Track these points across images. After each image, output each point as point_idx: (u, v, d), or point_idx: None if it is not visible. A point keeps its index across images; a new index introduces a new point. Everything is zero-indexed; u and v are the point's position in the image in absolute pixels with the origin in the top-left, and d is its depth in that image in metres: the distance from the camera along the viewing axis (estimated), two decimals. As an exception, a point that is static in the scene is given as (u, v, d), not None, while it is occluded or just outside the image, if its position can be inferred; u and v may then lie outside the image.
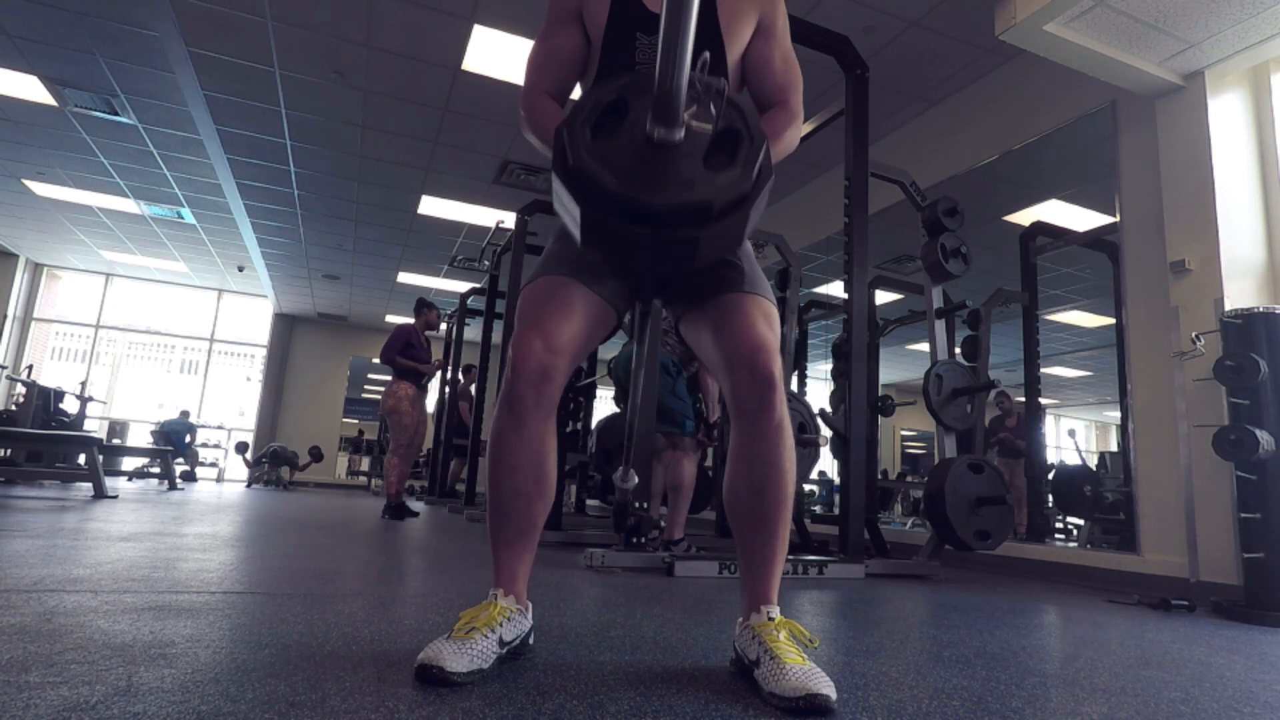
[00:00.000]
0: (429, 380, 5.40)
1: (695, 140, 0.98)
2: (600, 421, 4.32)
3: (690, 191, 0.95)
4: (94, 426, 10.07)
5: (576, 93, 1.33)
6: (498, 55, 4.30)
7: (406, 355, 5.08)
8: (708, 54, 0.96)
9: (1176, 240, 3.04)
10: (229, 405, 12.20)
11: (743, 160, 0.98)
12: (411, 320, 5.32)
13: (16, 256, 9.89)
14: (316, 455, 9.93)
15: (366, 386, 12.99)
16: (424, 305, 5.38)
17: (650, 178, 0.95)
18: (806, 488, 7.04)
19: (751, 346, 1.13)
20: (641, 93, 1.00)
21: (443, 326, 9.56)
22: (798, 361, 5.15)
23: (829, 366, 5.10)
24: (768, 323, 1.17)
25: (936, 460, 3.28)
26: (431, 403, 8.59)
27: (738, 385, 1.14)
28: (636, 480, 1.24)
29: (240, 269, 9.89)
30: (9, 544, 2.26)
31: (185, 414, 10.29)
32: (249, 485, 9.60)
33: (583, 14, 1.29)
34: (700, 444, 3.54)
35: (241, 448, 10.15)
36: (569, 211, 1.00)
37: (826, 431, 3.00)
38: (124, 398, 11.74)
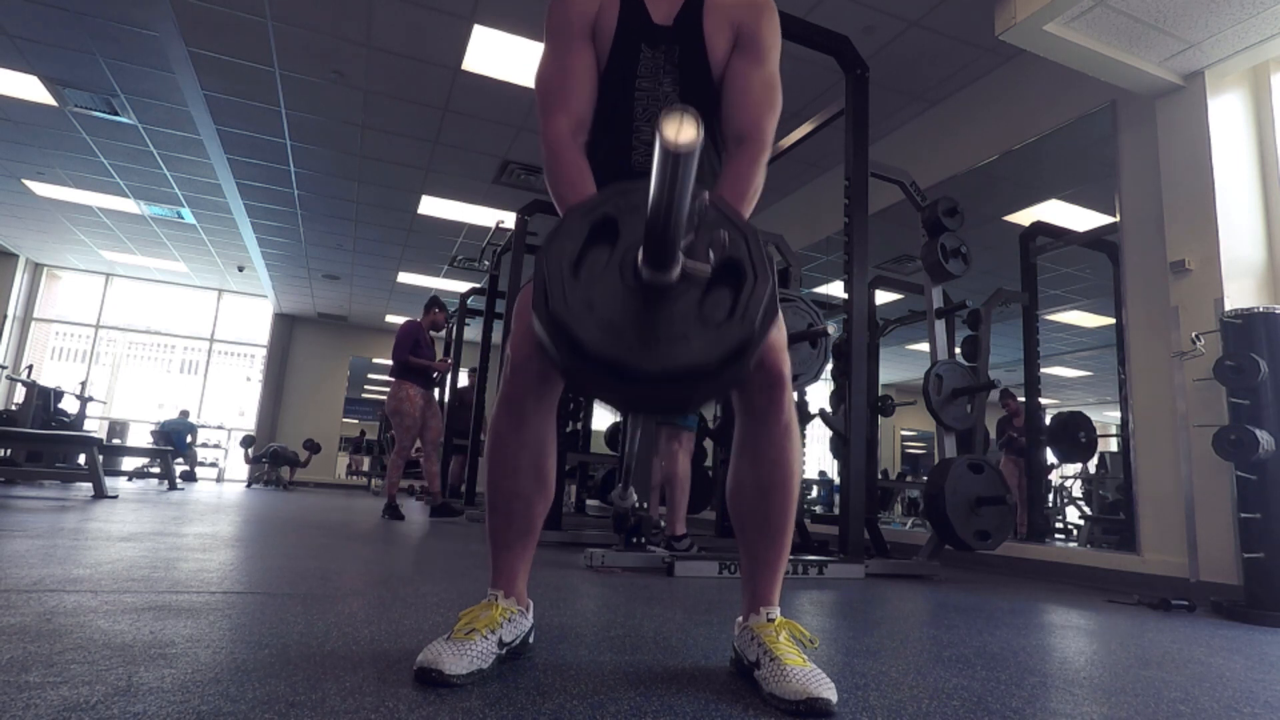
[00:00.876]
0: (441, 379, 5.34)
1: (691, 281, 0.88)
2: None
3: (683, 350, 0.85)
4: (94, 426, 10.07)
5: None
6: (498, 55, 4.29)
7: (415, 354, 5.07)
8: (707, 194, 0.89)
9: (1176, 240, 3.04)
10: (229, 405, 12.20)
11: (745, 306, 0.87)
12: (416, 317, 5.33)
13: (16, 256, 9.89)
14: (313, 447, 9.91)
15: (366, 386, 12.99)
16: (434, 304, 5.37)
17: (638, 333, 0.86)
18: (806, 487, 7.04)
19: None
20: (634, 212, 0.89)
21: (443, 328, 9.60)
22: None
23: (829, 366, 5.10)
24: (775, 324, 1.17)
25: (936, 460, 3.28)
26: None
27: (747, 384, 1.13)
28: (635, 499, 1.22)
29: (240, 269, 9.89)
30: (9, 544, 2.26)
31: (185, 414, 10.29)
32: (249, 485, 9.60)
33: (595, 22, 1.24)
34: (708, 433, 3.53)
35: (247, 441, 10.13)
36: (550, 350, 0.91)
37: (833, 327, 2.96)
38: (124, 398, 11.73)
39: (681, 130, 0.70)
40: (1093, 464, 5.23)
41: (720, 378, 0.87)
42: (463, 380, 8.37)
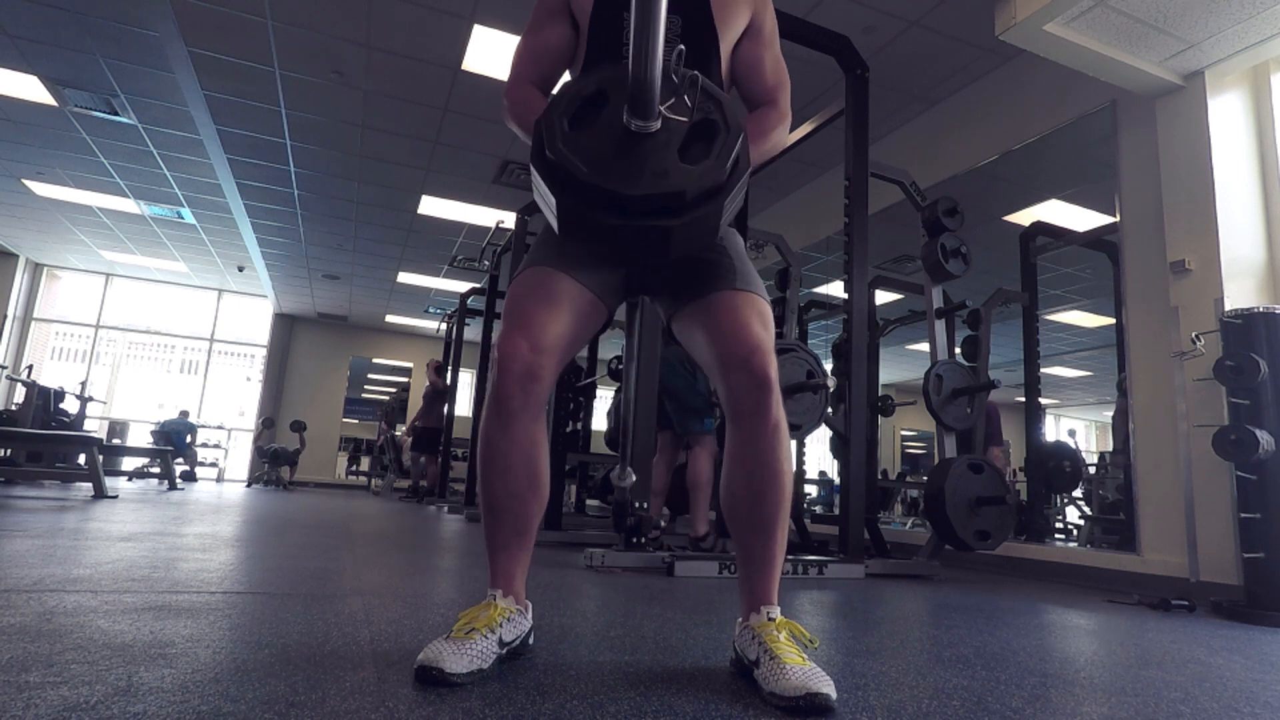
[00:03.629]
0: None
1: (671, 131, 0.99)
2: (615, 400, 4.33)
3: (664, 181, 0.96)
4: (94, 426, 10.07)
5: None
6: (498, 55, 4.30)
7: None
8: (682, 46, 0.98)
9: (1176, 240, 3.04)
10: (229, 405, 12.19)
11: (718, 151, 0.98)
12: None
13: (16, 256, 9.89)
14: (299, 427, 9.90)
15: (366, 386, 12.99)
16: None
17: (625, 168, 0.96)
18: (806, 488, 7.04)
19: (747, 348, 1.11)
20: (620, 86, 1.00)
21: (441, 327, 9.61)
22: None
23: (829, 366, 5.10)
24: (763, 322, 1.16)
25: (936, 460, 3.28)
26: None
27: (733, 387, 1.13)
28: (634, 478, 1.24)
29: (240, 269, 9.89)
30: (9, 544, 2.26)
31: (185, 414, 10.28)
32: (249, 485, 9.60)
33: (571, 4, 1.30)
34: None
35: (268, 423, 10.10)
36: (546, 202, 1.02)
37: (832, 380, 3.02)
38: (124, 398, 11.73)
39: None
40: (1092, 465, 5.24)
41: (697, 211, 0.97)
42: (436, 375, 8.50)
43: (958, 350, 3.96)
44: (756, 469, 1.15)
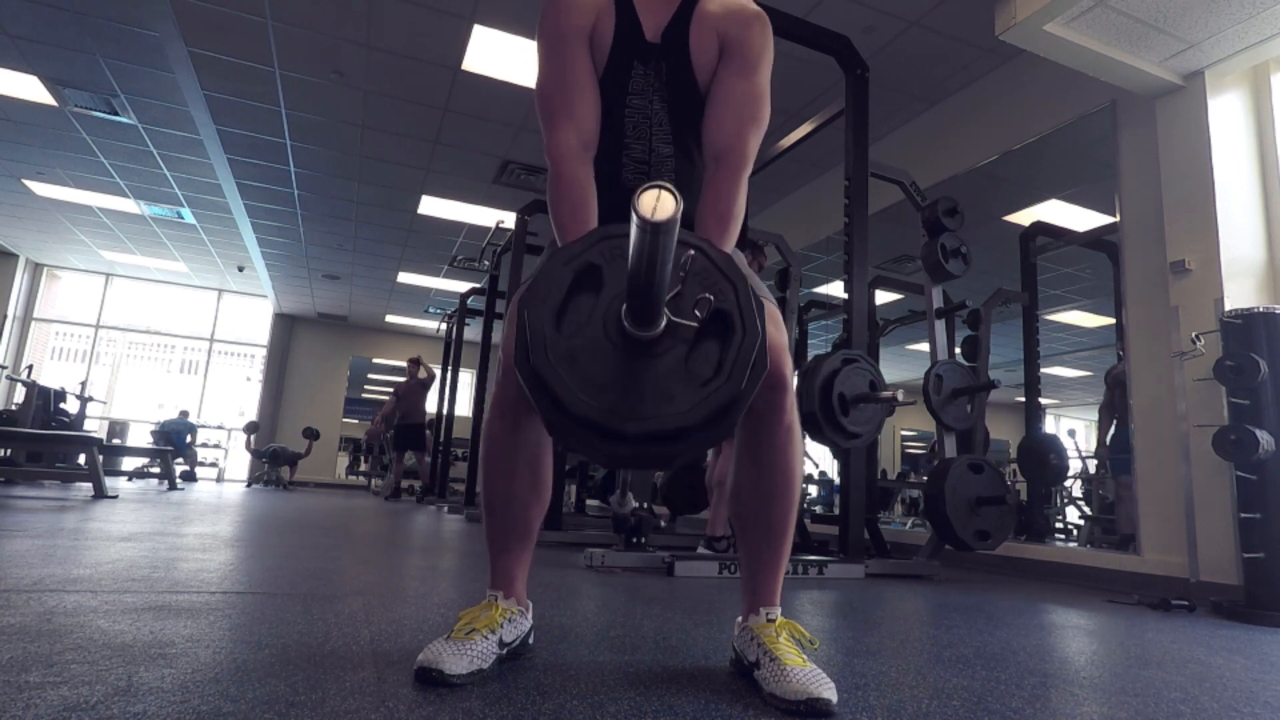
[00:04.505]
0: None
1: (677, 336, 0.85)
2: None
3: (667, 411, 0.83)
4: (94, 426, 10.07)
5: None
6: (498, 55, 4.29)
7: None
8: (692, 250, 0.87)
9: (1176, 240, 3.04)
10: (229, 405, 12.19)
11: (732, 363, 0.85)
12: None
13: (16, 256, 9.89)
14: (312, 434, 9.83)
15: (366, 386, 12.99)
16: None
17: (622, 392, 0.84)
18: (807, 489, 7.03)
19: None
20: (618, 258, 0.87)
21: (441, 327, 9.61)
22: (798, 362, 5.15)
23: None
24: (775, 324, 1.14)
25: (936, 460, 3.28)
26: (432, 403, 8.65)
27: None
28: (634, 505, 1.22)
29: (240, 269, 9.89)
30: (9, 544, 2.26)
31: (185, 414, 10.28)
32: (249, 485, 9.60)
33: (593, 33, 1.19)
34: None
35: (252, 427, 10.03)
36: (532, 400, 0.89)
37: (900, 393, 2.99)
38: (124, 398, 11.73)
39: (659, 205, 0.70)
40: (1092, 464, 5.23)
41: (707, 435, 0.85)
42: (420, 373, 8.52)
43: (958, 350, 3.96)
44: (768, 470, 1.14)
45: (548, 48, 1.19)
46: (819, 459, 7.88)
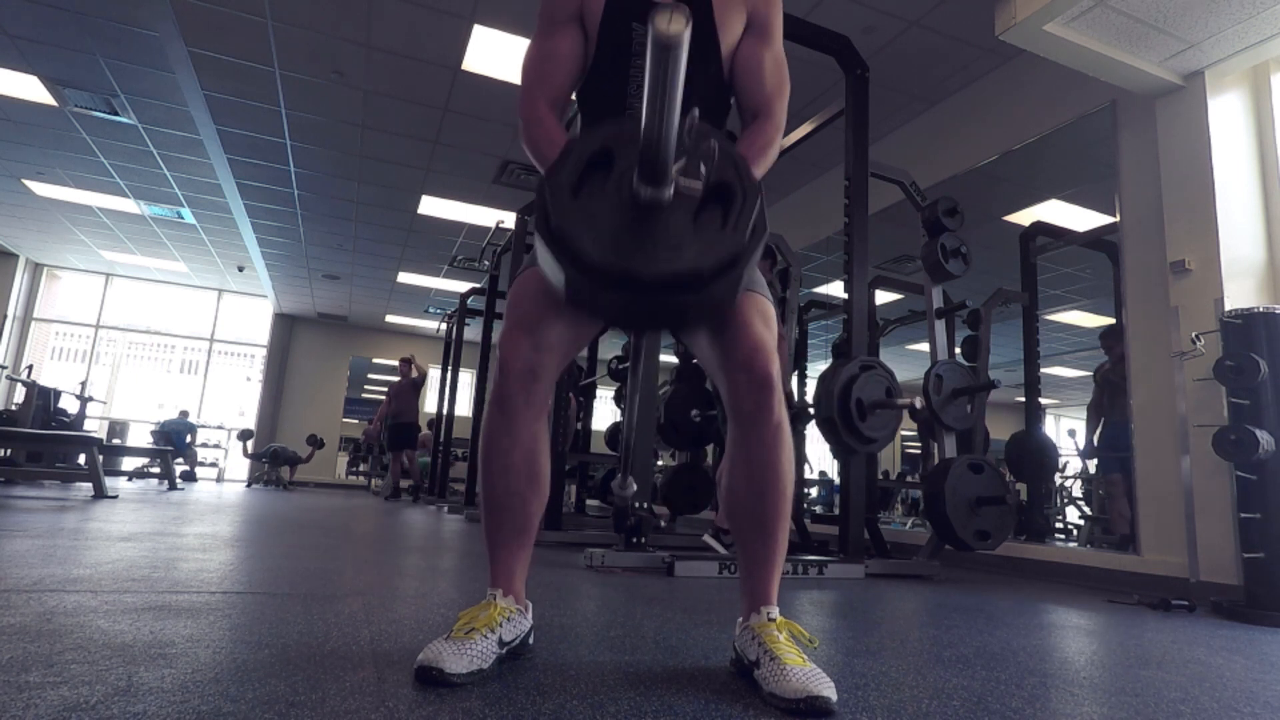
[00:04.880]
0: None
1: (685, 198, 0.93)
2: (665, 394, 4.35)
3: (679, 257, 0.90)
4: (94, 426, 10.06)
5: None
6: (498, 55, 4.30)
7: None
8: (697, 110, 0.93)
9: (1176, 240, 3.04)
10: (229, 405, 12.19)
11: (735, 218, 0.93)
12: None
13: (16, 256, 9.89)
14: (317, 443, 9.84)
15: (366, 386, 12.99)
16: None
17: (637, 242, 0.91)
18: (806, 488, 7.04)
19: (749, 348, 1.11)
20: (628, 142, 0.94)
21: (441, 327, 9.60)
22: (797, 362, 5.15)
23: (830, 365, 5.10)
24: (765, 322, 1.16)
25: (936, 460, 3.27)
26: (432, 403, 8.64)
27: (735, 387, 1.13)
28: (635, 488, 1.22)
29: (240, 269, 9.89)
30: (9, 544, 2.26)
31: (185, 414, 10.28)
32: (249, 485, 9.59)
33: (582, 10, 1.26)
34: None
35: (246, 435, 10.04)
36: (552, 271, 0.96)
37: (917, 400, 3.01)
38: (124, 398, 11.73)
39: (672, 22, 0.74)
40: (1080, 464, 5.23)
41: (714, 287, 0.92)
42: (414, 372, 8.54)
43: (958, 350, 3.96)
44: (758, 469, 1.15)
45: (541, 23, 1.29)
46: (819, 459, 7.88)
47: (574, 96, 1.34)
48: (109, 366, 11.54)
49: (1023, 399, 4.51)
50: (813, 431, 3.50)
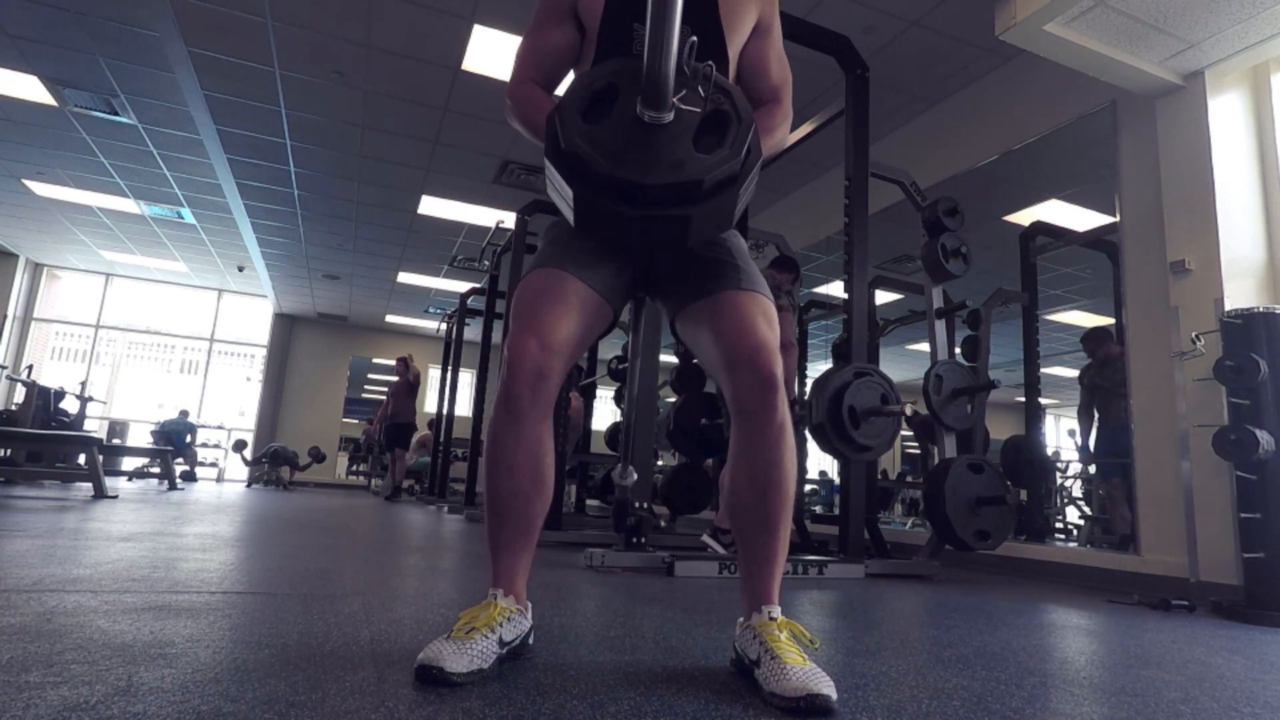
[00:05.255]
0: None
1: (685, 122, 1.00)
2: (675, 403, 4.35)
3: (680, 171, 0.97)
4: (94, 426, 10.07)
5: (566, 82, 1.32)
6: (498, 55, 4.29)
7: None
8: (694, 39, 0.99)
9: (1176, 240, 3.04)
10: (229, 405, 12.19)
11: (731, 141, 1.00)
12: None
13: (16, 256, 9.89)
14: (317, 456, 9.87)
15: (366, 387, 12.99)
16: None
17: (641, 159, 0.97)
18: (807, 487, 7.04)
19: (752, 347, 1.11)
20: (631, 79, 1.01)
21: (441, 327, 9.60)
22: (798, 361, 5.15)
23: (829, 366, 5.10)
24: (767, 321, 1.16)
25: (935, 460, 3.28)
26: (431, 404, 8.62)
27: (738, 386, 1.13)
28: (635, 477, 1.24)
29: (240, 269, 9.89)
30: (9, 544, 2.26)
31: (185, 413, 10.27)
32: (249, 485, 9.60)
33: (577, 7, 1.29)
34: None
35: (239, 445, 10.07)
36: (562, 195, 1.03)
37: (909, 408, 3.03)
38: (124, 398, 11.73)
39: None
40: (1076, 468, 5.23)
41: (713, 201, 0.99)
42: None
43: (958, 350, 3.95)
44: (760, 468, 1.15)
45: (536, 17, 1.33)
46: (820, 460, 7.88)
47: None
48: (109, 366, 11.55)
49: (1023, 399, 4.51)
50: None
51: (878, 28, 3.84)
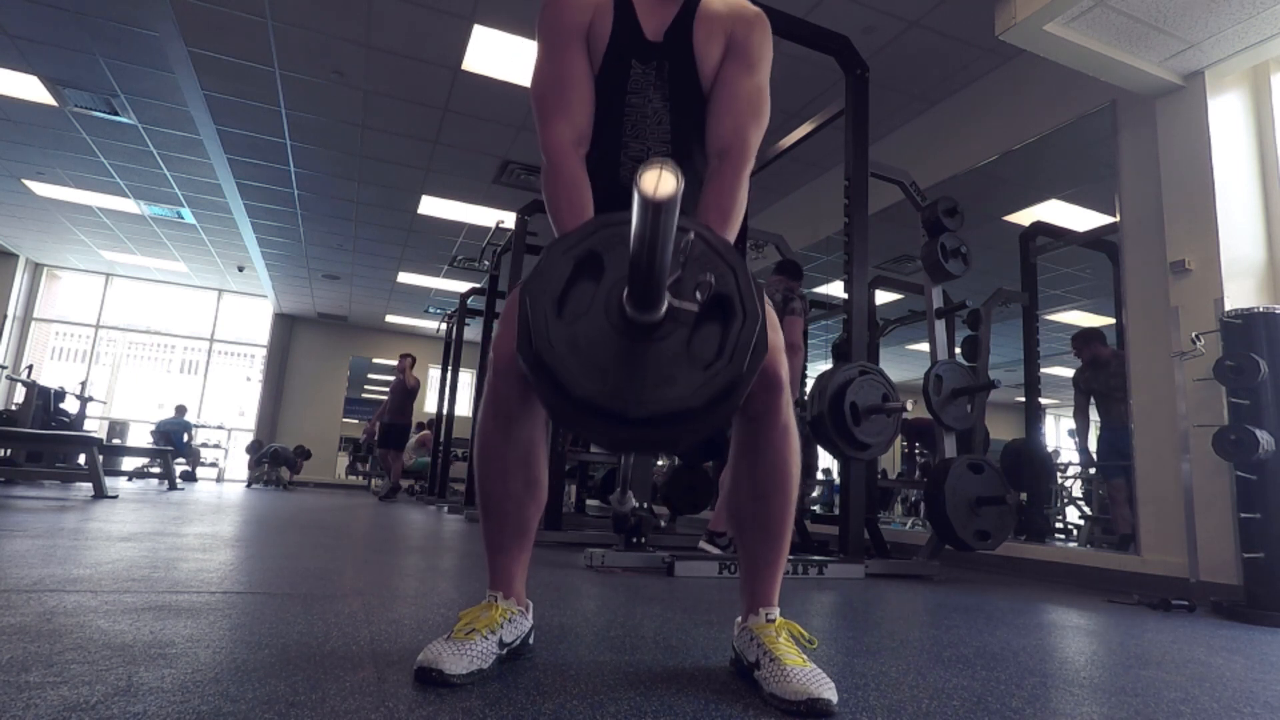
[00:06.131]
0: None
1: (679, 320, 0.86)
2: None
3: (670, 392, 0.84)
4: (94, 426, 10.06)
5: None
6: (498, 55, 4.29)
7: None
8: (692, 234, 0.88)
9: (1176, 240, 3.04)
10: (229, 405, 12.19)
11: (733, 346, 0.86)
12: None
13: (16, 256, 9.88)
14: (303, 453, 9.85)
15: (366, 386, 12.98)
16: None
17: (626, 374, 0.85)
18: (815, 491, 7.03)
19: None
20: (618, 245, 0.88)
21: (441, 327, 9.57)
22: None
23: (829, 366, 5.10)
24: (772, 328, 1.16)
25: (922, 468, 3.28)
26: (432, 402, 8.58)
27: None
28: (634, 504, 1.21)
29: (240, 269, 9.89)
30: (9, 544, 2.26)
31: (182, 409, 10.12)
32: (249, 485, 9.59)
33: (589, 31, 1.21)
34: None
35: (254, 448, 10.01)
36: (535, 390, 0.90)
37: (910, 404, 3.03)
38: (124, 398, 11.73)
39: (660, 183, 0.70)
40: (1075, 470, 5.23)
41: (709, 418, 0.86)
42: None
43: (958, 350, 3.95)
44: (764, 471, 1.14)
45: (545, 44, 1.22)
46: (822, 459, 7.86)
47: None
48: (109, 366, 11.55)
49: (1023, 399, 4.51)
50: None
51: (878, 28, 3.84)
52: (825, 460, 7.88)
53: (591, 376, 0.84)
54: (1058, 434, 7.73)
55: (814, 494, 6.62)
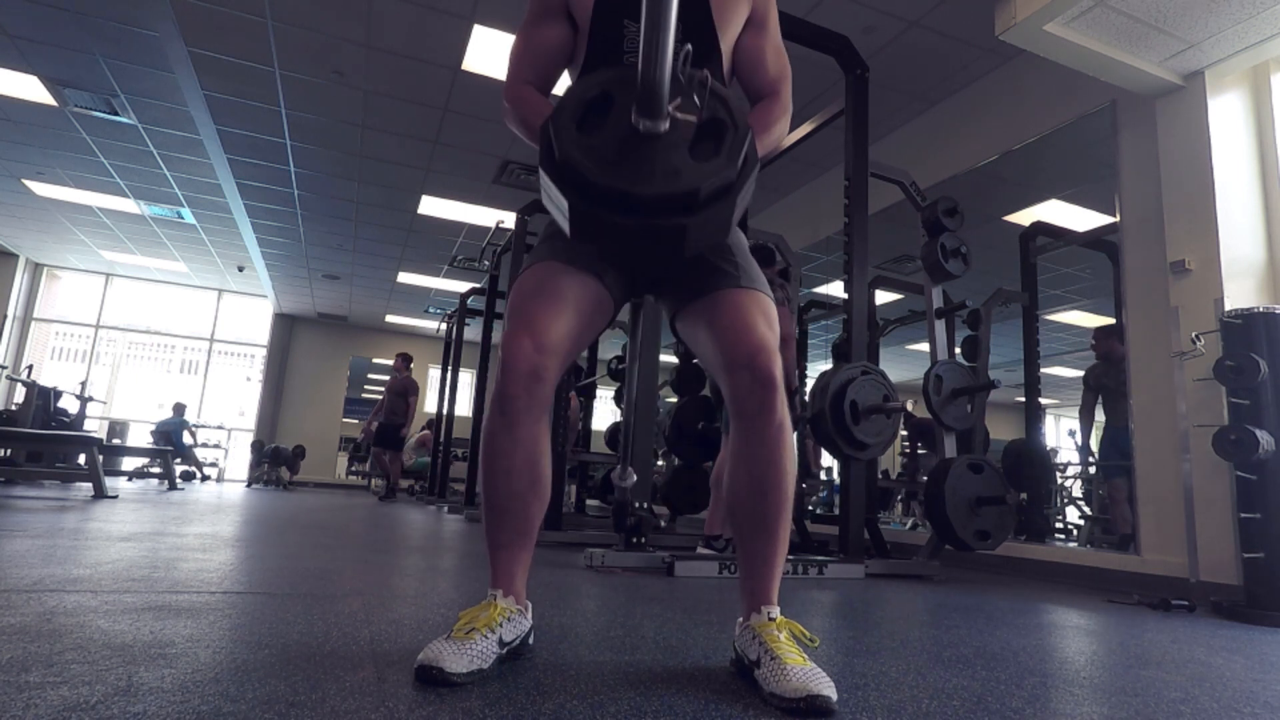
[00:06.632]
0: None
1: (680, 131, 1.00)
2: (673, 407, 4.36)
3: (676, 180, 0.96)
4: (94, 426, 10.06)
5: (563, 83, 1.32)
6: (498, 55, 4.30)
7: None
8: (689, 46, 0.99)
9: (1176, 240, 3.04)
10: (229, 405, 12.19)
11: (728, 149, 0.99)
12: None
13: (16, 256, 9.89)
14: (299, 452, 9.86)
15: (366, 386, 12.99)
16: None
17: (636, 169, 0.97)
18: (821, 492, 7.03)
19: (751, 347, 1.11)
20: (626, 86, 1.01)
21: (441, 327, 9.56)
22: (798, 361, 5.15)
23: (829, 366, 5.10)
24: (767, 321, 1.16)
25: (924, 467, 3.28)
26: (433, 402, 8.57)
27: (737, 387, 1.13)
28: (635, 479, 1.23)
29: (240, 269, 9.89)
30: (9, 544, 2.26)
31: (181, 407, 10.08)
32: (249, 485, 9.59)
33: (569, 3, 1.28)
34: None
35: (258, 447, 9.99)
36: (557, 206, 1.02)
37: (910, 404, 3.06)
38: (124, 398, 11.72)
39: None
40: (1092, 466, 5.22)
41: (709, 211, 0.98)
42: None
43: (958, 350, 3.95)
44: (760, 468, 1.14)
45: (528, 14, 1.33)
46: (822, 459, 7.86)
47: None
48: (109, 366, 11.54)
49: (1023, 399, 4.51)
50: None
51: (878, 28, 3.84)
52: (825, 460, 7.88)
53: (606, 170, 0.96)
54: (1058, 434, 7.74)
55: (819, 495, 6.62)
